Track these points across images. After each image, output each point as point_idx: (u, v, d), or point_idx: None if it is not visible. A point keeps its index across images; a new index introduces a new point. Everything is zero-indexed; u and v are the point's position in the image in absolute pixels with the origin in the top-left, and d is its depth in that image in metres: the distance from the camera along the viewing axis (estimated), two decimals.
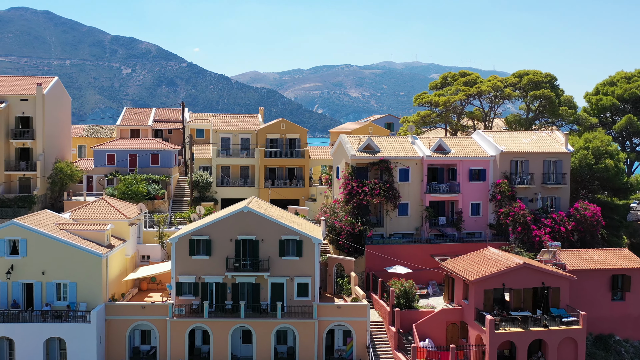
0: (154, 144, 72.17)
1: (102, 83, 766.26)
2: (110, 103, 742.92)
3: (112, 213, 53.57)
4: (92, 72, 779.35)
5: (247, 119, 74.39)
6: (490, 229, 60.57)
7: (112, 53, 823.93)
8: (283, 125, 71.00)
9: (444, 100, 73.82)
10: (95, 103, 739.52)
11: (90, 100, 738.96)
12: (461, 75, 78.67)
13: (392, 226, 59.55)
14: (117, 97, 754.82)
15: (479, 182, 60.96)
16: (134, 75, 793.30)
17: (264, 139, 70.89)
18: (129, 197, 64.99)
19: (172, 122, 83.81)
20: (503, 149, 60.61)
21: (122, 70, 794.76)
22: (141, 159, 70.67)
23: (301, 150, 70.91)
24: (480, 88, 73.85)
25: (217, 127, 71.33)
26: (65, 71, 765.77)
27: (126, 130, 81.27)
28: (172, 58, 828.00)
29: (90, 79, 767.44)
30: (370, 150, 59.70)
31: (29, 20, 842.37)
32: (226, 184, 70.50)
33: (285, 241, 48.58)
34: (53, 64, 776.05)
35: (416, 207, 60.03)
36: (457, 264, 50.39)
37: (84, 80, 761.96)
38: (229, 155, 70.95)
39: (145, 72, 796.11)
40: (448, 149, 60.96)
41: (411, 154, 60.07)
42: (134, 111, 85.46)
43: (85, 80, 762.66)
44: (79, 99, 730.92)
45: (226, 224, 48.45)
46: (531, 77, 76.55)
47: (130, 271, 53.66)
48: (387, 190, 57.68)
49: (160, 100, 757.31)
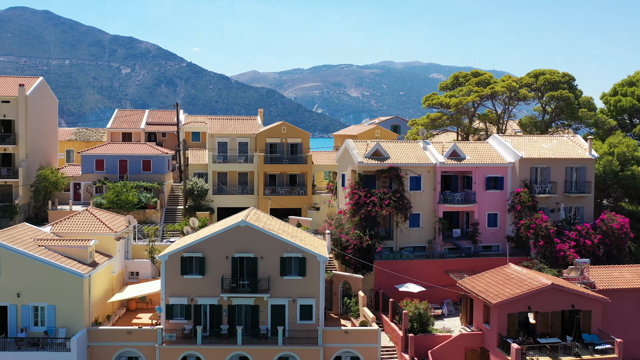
0: (146, 148, 67.48)
1: (102, 83, 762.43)
2: (110, 103, 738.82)
3: (97, 226, 48.92)
4: (92, 71, 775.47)
5: (246, 121, 69.69)
6: (509, 242, 55.93)
7: (111, 53, 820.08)
8: (284, 128, 66.29)
9: (455, 102, 69.10)
10: (94, 103, 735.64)
11: (90, 100, 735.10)
12: (473, 75, 73.95)
13: (403, 239, 54.89)
14: (117, 97, 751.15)
15: (496, 191, 56.28)
16: (134, 75, 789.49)
17: (263, 143, 66.20)
18: (118, 206, 60.44)
19: (166, 124, 79.15)
20: (522, 155, 55.93)
21: (121, 70, 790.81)
22: (132, 165, 66.02)
23: (303, 156, 66.18)
24: (494, 89, 69.15)
25: (214, 130, 66.64)
26: (65, 71, 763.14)
27: (117, 134, 76.59)
28: (171, 58, 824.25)
29: (89, 79, 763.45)
30: (378, 156, 55.00)
31: (28, 19, 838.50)
32: (223, 192, 65.80)
33: (287, 259, 43.92)
34: (52, 64, 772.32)
35: (428, 218, 55.36)
36: (476, 283, 45.71)
37: (83, 80, 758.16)
38: (226, 160, 66.27)
39: (144, 71, 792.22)
40: (463, 155, 56.26)
41: (423, 161, 55.38)
42: (126, 113, 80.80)
43: (84, 80, 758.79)
44: (78, 99, 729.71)
45: (222, 239, 43.79)
46: (548, 77, 71.86)
47: (117, 290, 49.00)
48: (397, 200, 53.01)
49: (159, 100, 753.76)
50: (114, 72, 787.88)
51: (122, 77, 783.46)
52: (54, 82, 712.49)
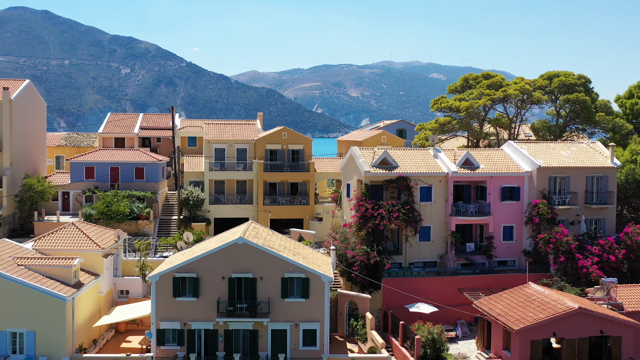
0: (139, 155, 63.76)
1: (101, 83, 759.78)
2: (109, 103, 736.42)
3: (83, 242, 45.23)
4: (91, 71, 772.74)
5: (244, 126, 65.94)
6: (526, 257, 52.24)
7: (111, 53, 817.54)
8: (284, 134, 62.56)
9: (465, 106, 65.35)
10: (94, 103, 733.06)
11: (89, 100, 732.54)
12: (484, 77, 70.17)
13: (412, 254, 51.19)
14: (116, 97, 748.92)
15: (512, 202, 52.57)
16: (133, 75, 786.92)
17: (263, 149, 62.46)
18: (108, 217, 56.80)
19: (161, 129, 75.39)
20: (541, 163, 52.22)
21: (121, 70, 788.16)
22: (124, 173, 62.32)
23: (305, 163, 62.47)
24: (507, 92, 65.39)
25: (210, 136, 62.92)
26: (64, 71, 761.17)
27: (109, 139, 72.85)
28: (171, 58, 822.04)
29: (89, 79, 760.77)
30: (386, 165, 51.29)
31: (28, 19, 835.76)
32: (220, 202, 62.09)
33: (288, 279, 40.26)
34: (52, 64, 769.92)
35: (440, 231, 51.65)
36: (494, 305, 41.99)
37: (82, 80, 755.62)
38: (224, 168, 62.55)
39: (144, 71, 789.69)
40: (477, 163, 52.55)
41: (434, 170, 51.66)
42: (119, 117, 77.07)
43: (84, 80, 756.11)
44: (77, 99, 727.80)
45: (217, 258, 40.13)
46: (562, 79, 68.13)
47: (105, 311, 45.28)
48: (407, 212, 49.29)
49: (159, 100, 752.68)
50: (113, 72, 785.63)
51: (122, 77, 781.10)
52: (53, 82, 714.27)
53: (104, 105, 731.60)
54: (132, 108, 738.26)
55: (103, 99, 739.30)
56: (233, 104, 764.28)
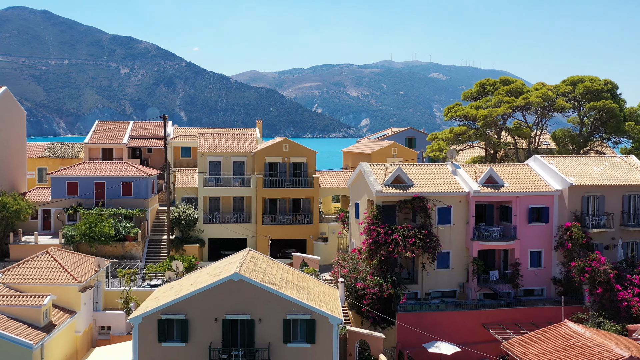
0: (127, 169, 58.27)
1: (101, 83, 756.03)
2: (109, 103, 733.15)
3: (58, 274, 39.73)
4: (91, 71, 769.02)
5: (242, 137, 60.34)
6: (555, 285, 46.81)
7: (110, 52, 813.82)
8: (286, 146, 57.03)
9: (483, 114, 59.78)
10: (93, 103, 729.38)
11: (89, 100, 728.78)
12: (503, 82, 64.59)
13: (429, 282, 45.71)
14: (116, 97, 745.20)
15: (541, 224, 47.09)
16: (133, 75, 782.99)
17: (262, 163, 56.94)
18: (91, 239, 51.35)
19: (152, 138, 69.93)
20: (572, 181, 46.72)
21: (120, 69, 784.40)
22: (110, 189, 56.84)
23: (308, 178, 56.94)
24: (528, 99, 59.90)
25: (205, 148, 57.40)
26: (63, 71, 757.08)
27: (96, 149, 67.37)
28: (170, 58, 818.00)
29: (88, 79, 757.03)
30: (400, 183, 45.78)
31: (27, 19, 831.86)
32: (215, 220, 56.61)
33: (291, 321, 34.74)
34: (51, 64, 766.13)
35: (460, 257, 46.17)
36: (527, 349, 36.45)
37: (82, 80, 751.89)
38: (219, 183, 57.06)
39: (143, 71, 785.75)
40: (501, 181, 47.05)
41: (454, 189, 46.15)
42: (107, 125, 71.52)
43: (83, 80, 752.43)
44: (77, 99, 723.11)
45: (209, 297, 34.66)
46: (587, 84, 62.72)
47: (82, 354, 39.76)
48: (424, 237, 43.78)
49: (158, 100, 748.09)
50: (113, 72, 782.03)
51: (121, 77, 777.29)
52: (52, 82, 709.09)
53: (104, 105, 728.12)
54: (132, 108, 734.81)
55: (102, 99, 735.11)
56: (233, 104, 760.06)
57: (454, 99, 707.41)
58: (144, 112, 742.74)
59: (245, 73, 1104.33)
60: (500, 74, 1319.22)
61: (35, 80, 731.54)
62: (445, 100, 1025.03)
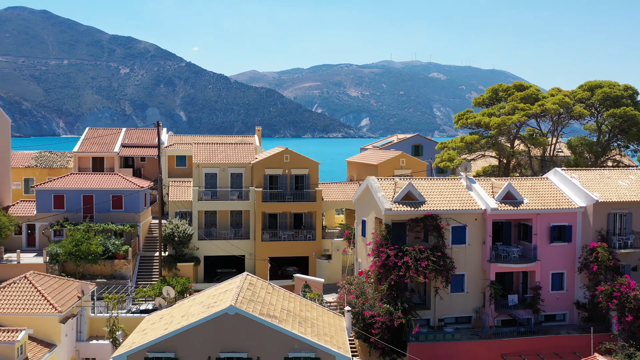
0: (117, 181, 54.66)
1: (100, 83, 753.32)
2: (109, 103, 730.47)
3: (37, 303, 36.13)
4: (90, 71, 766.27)
5: (240, 147, 56.61)
6: (579, 310, 43.18)
7: (110, 53, 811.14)
8: (286, 157, 53.36)
9: (497, 122, 56.10)
10: (93, 103, 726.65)
11: (88, 100, 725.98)
12: (517, 88, 60.85)
13: (442, 308, 42.07)
14: (116, 97, 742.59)
15: (563, 244, 43.45)
16: (132, 75, 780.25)
17: (261, 175, 53.27)
18: (78, 258, 47.76)
19: (145, 146, 66.32)
20: (597, 197, 43.07)
21: (120, 70, 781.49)
22: (99, 202, 53.26)
23: (311, 192, 53.27)
24: (544, 106, 56.25)
25: (200, 159, 53.73)
26: (63, 71, 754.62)
27: (86, 159, 63.78)
28: (170, 57, 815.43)
29: (88, 79, 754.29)
30: (411, 200, 42.12)
31: (27, 19, 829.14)
32: (211, 236, 52.96)
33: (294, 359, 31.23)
34: (50, 64, 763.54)
35: (475, 280, 42.53)
36: None
37: (81, 80, 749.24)
38: (215, 197, 53.36)
39: (143, 71, 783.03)
40: (520, 197, 43.39)
41: (469, 206, 42.49)
42: (98, 133, 67.88)
43: (83, 80, 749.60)
44: (76, 99, 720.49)
45: (202, 332, 31.08)
46: (606, 90, 59.13)
47: None
48: (437, 260, 40.13)
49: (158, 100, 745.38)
50: (112, 72, 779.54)
51: (121, 77, 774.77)
52: (52, 82, 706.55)
53: (103, 105, 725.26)
54: (132, 108, 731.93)
55: (102, 99, 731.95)
56: (233, 104, 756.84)
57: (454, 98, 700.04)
58: (143, 112, 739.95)
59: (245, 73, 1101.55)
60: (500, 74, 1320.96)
61: (35, 80, 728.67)
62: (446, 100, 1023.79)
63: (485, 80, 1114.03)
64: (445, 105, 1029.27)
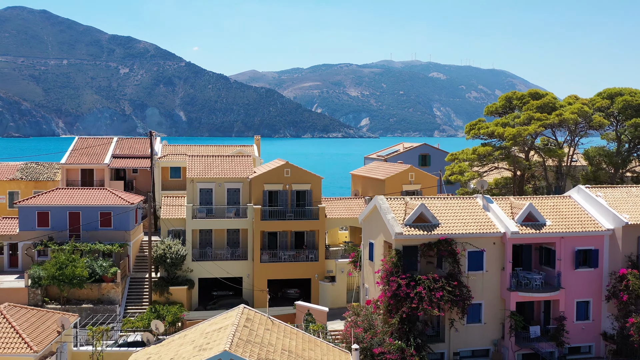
0: (105, 196, 51.02)
1: (100, 83, 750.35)
2: (108, 103, 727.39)
3: (11, 341, 32.56)
4: (90, 71, 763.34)
5: (237, 160, 52.82)
6: (606, 342, 39.58)
7: (109, 52, 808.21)
8: (287, 171, 49.70)
9: (512, 133, 52.43)
10: (92, 103, 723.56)
11: (88, 100, 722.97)
12: (532, 96, 57.11)
13: (458, 340, 38.45)
14: (115, 97, 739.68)
15: (589, 270, 39.85)
16: (132, 74, 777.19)
17: (260, 190, 49.59)
18: (61, 282, 44.17)
19: (138, 157, 62.69)
20: (626, 219, 39.43)
21: (119, 69, 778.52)
22: (86, 219, 49.69)
23: (313, 209, 49.60)
24: (562, 116, 52.60)
25: (194, 173, 50.06)
26: (62, 71, 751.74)
27: (75, 171, 60.17)
28: (170, 57, 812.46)
29: (87, 79, 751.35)
30: (423, 222, 38.52)
31: (26, 19, 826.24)
32: (206, 257, 49.32)
33: None
34: (50, 64, 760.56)
35: (494, 309, 38.92)
36: None
37: (81, 80, 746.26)
38: (211, 214, 49.69)
39: (143, 71, 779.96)
40: (542, 219, 39.77)
41: (487, 229, 38.87)
42: (88, 142, 64.19)
43: (82, 80, 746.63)
44: (76, 99, 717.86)
45: None
46: (627, 98, 55.55)
47: None
48: (453, 290, 36.54)
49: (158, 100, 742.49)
50: (112, 72, 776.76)
51: (121, 77, 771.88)
52: (51, 82, 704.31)
53: (103, 105, 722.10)
54: (131, 108, 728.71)
55: (102, 99, 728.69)
56: (232, 103, 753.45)
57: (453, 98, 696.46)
58: (143, 112, 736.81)
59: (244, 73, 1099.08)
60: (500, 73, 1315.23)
61: (34, 80, 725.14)
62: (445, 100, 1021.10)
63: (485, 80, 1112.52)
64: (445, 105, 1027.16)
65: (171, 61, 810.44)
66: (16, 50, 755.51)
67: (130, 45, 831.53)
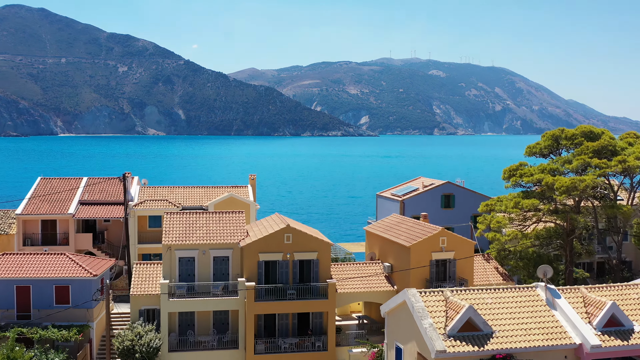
0: (62, 265, 40.99)
1: (98, 81, 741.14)
2: (107, 101, 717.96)
3: None
4: (88, 70, 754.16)
5: (226, 218, 42.39)
6: None
7: (108, 51, 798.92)
8: (288, 237, 39.59)
9: (565, 185, 42.27)
10: (90, 102, 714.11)
11: (86, 99, 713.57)
12: (585, 136, 46.50)
13: None
14: (114, 96, 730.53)
15: None
16: (131, 73, 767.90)
17: (254, 261, 39.53)
18: None
19: (110, 203, 52.64)
20: None
21: (118, 68, 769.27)
22: (38, 295, 39.73)
23: (320, 285, 39.53)
24: (627, 163, 42.52)
25: (172, 238, 39.94)
26: (61, 69, 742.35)
27: (34, 222, 50.10)
28: (168, 56, 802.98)
29: (86, 77, 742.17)
30: (472, 331, 28.55)
31: (24, 17, 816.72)
32: (187, 346, 39.29)
33: None
34: (48, 62, 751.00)
35: None
36: None
37: (79, 79, 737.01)
38: (193, 292, 39.63)
39: (141, 70, 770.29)
40: (628, 323, 29.77)
41: (556, 340, 28.88)
42: (52, 184, 54.05)
43: (81, 78, 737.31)
44: (74, 98, 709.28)
45: None
46: None
47: None
48: None
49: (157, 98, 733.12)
50: (110, 70, 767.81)
51: (119, 75, 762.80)
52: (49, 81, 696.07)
53: (101, 103, 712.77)
54: (130, 106, 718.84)
55: (100, 97, 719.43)
56: (231, 102, 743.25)
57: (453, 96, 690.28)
58: (142, 111, 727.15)
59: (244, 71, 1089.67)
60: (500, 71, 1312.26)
61: (32, 78, 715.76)
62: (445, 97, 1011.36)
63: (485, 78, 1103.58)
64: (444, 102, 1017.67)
65: (170, 59, 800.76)
66: (14, 49, 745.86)
67: (129, 43, 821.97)
